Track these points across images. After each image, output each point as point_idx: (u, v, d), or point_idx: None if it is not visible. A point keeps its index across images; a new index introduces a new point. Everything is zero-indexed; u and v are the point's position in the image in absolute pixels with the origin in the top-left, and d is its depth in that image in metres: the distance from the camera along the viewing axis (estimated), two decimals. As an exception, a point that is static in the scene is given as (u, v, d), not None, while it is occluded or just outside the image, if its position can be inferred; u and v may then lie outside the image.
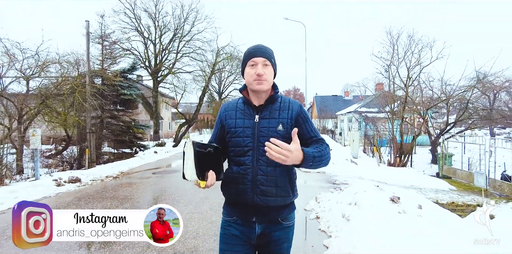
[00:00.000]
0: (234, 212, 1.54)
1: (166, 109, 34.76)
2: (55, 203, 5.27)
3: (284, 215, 1.52)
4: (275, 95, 1.54)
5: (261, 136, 1.47)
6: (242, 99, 1.58)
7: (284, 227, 1.53)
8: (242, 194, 1.47)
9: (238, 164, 1.50)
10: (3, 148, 10.10)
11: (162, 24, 25.65)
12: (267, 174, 1.46)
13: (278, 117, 1.50)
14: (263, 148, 1.37)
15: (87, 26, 13.79)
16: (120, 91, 15.79)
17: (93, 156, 13.38)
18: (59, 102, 12.52)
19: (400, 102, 13.55)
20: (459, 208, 7.14)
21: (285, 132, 1.48)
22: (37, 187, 6.16)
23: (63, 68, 12.63)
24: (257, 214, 1.49)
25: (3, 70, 10.98)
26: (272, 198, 1.45)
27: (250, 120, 1.51)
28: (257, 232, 1.50)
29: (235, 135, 1.51)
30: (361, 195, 4.68)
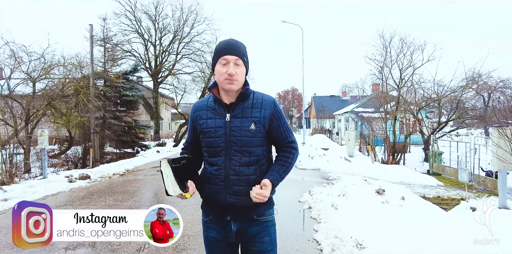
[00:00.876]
0: (210, 212, 1.55)
1: (166, 110, 35.20)
2: (70, 197, 5.74)
3: (260, 212, 1.51)
4: (246, 91, 1.49)
5: (233, 135, 1.44)
6: (213, 97, 1.53)
7: (261, 222, 1.52)
8: (215, 194, 1.47)
9: (211, 164, 1.49)
10: (12, 148, 10.57)
11: (162, 26, 26.12)
12: (240, 173, 1.44)
13: (251, 116, 1.46)
14: (236, 148, 1.43)
15: (91, 30, 14.22)
16: (122, 93, 16.25)
17: (97, 155, 13.81)
18: (64, 104, 12.98)
19: (393, 103, 14.06)
20: (444, 201, 7.64)
21: (257, 130, 1.45)
22: (51, 183, 6.63)
23: (67, 70, 13.08)
24: (231, 213, 1.49)
25: (11, 73, 11.42)
26: (245, 197, 1.43)
27: (221, 120, 1.47)
28: (233, 230, 1.50)
29: (207, 136, 1.48)
30: (349, 187, 5.17)
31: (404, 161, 13.26)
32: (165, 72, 26.38)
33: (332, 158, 10.89)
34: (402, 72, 12.64)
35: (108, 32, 17.92)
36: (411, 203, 4.99)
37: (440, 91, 14.05)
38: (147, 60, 26.24)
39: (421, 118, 19.13)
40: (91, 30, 14.24)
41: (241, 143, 1.43)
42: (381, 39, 12.62)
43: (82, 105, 12.93)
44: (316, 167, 9.65)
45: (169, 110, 37.52)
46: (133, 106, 17.95)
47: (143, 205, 5.16)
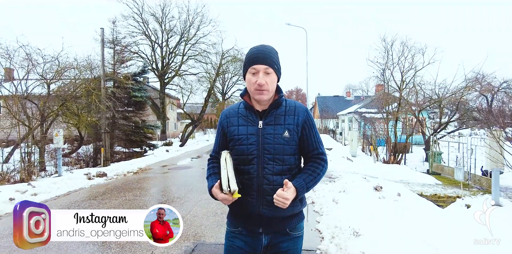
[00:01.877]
0: (239, 223, 1.48)
1: (172, 110, 35.76)
2: (92, 193, 6.24)
3: (292, 225, 1.46)
4: (280, 99, 1.47)
5: (266, 143, 1.40)
6: (244, 104, 1.50)
7: (293, 238, 1.46)
8: (247, 205, 1.41)
9: (242, 173, 1.43)
10: (31, 147, 11.12)
11: (169, 28, 26.64)
12: (273, 183, 1.39)
13: (284, 123, 1.43)
14: (269, 156, 1.39)
15: (102, 34, 14.72)
16: (131, 94, 16.78)
17: (108, 154, 14.33)
18: (77, 104, 13.52)
19: (395, 104, 14.45)
20: (441, 199, 8.04)
21: (291, 138, 1.42)
22: (72, 180, 7.13)
23: (80, 72, 13.62)
24: (263, 225, 1.43)
25: (26, 74, 11.97)
26: (279, 209, 1.36)
27: (253, 127, 1.44)
28: (264, 243, 1.45)
29: (239, 143, 1.44)
30: (349, 184, 5.62)
31: (405, 161, 13.65)
32: (172, 73, 26.91)
33: (334, 158, 11.32)
34: (404, 75, 13.03)
35: (117, 35, 18.47)
36: (406, 199, 5.42)
37: (441, 92, 14.42)
38: (154, 62, 26.76)
39: (424, 119, 19.51)
40: (102, 34, 14.73)
41: (275, 150, 1.39)
42: (383, 42, 13.03)
43: (94, 106, 13.45)
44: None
45: (174, 111, 38.09)
46: (141, 107, 18.47)
47: (159, 200, 5.64)
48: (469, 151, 9.24)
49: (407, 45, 12.83)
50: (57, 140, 10.83)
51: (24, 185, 6.14)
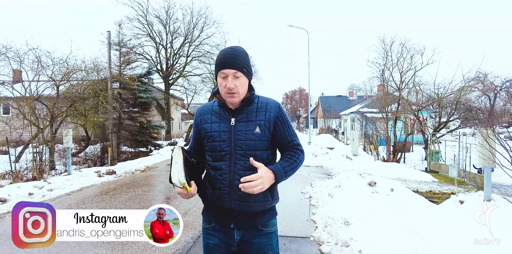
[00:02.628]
0: (212, 218, 1.52)
1: (176, 110, 36.21)
2: (103, 189, 6.64)
3: (263, 221, 1.49)
4: (251, 96, 1.49)
5: (238, 139, 1.43)
6: (218, 102, 1.53)
7: (265, 234, 1.49)
8: (219, 199, 1.44)
9: (214, 168, 1.46)
10: (42, 147, 11.55)
11: (173, 30, 27.10)
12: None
13: (255, 119, 1.46)
14: (240, 152, 1.42)
15: (109, 36, 15.13)
16: (137, 95, 17.22)
17: (115, 154, 14.75)
18: (84, 105, 13.96)
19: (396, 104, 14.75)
20: (436, 195, 8.35)
21: (262, 134, 1.45)
22: (84, 177, 7.54)
23: (87, 74, 14.07)
24: (234, 220, 1.46)
25: (37, 76, 12.42)
26: (250, 203, 1.42)
27: (226, 124, 1.47)
28: (236, 238, 1.48)
29: (211, 139, 1.47)
30: (345, 180, 5.97)
31: (405, 159, 13.94)
32: (176, 74, 27.37)
33: (334, 156, 11.66)
34: (403, 75, 13.33)
35: (123, 37, 18.93)
36: (399, 194, 5.75)
37: (440, 92, 14.70)
38: (158, 63, 27.23)
39: (425, 118, 19.75)
40: (109, 37, 15.13)
41: (246, 146, 1.43)
42: (382, 44, 13.33)
43: (102, 107, 13.88)
44: (319, 164, 10.42)
45: (179, 111, 38.52)
46: (146, 108, 18.93)
47: (167, 195, 6.02)
48: (464, 149, 9.54)
49: (405, 46, 13.16)
50: (66, 140, 11.21)
51: (41, 182, 6.55)
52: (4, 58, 12.19)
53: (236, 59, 1.41)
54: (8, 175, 10.32)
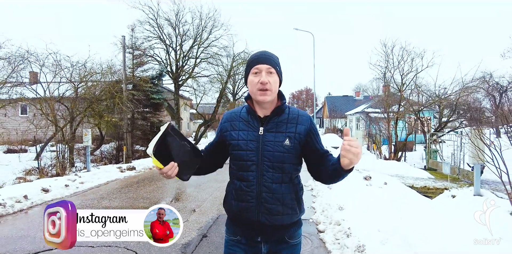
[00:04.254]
0: (238, 231, 1.48)
1: (185, 110, 37.12)
2: (127, 183, 7.45)
3: (290, 233, 1.46)
4: (282, 106, 1.45)
5: (266, 150, 1.39)
6: (246, 108, 1.49)
7: (291, 245, 1.46)
8: (246, 212, 1.40)
9: (241, 179, 1.43)
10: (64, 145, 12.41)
11: (183, 32, 27.91)
12: (272, 191, 1.38)
13: (286, 131, 1.41)
14: (268, 164, 1.37)
15: (123, 41, 16.01)
16: (150, 96, 18.10)
17: (129, 152, 15.61)
18: (100, 106, 14.84)
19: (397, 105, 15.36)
20: (430, 190, 8.99)
21: (292, 146, 1.40)
22: (108, 172, 8.37)
23: (103, 76, 14.96)
24: (262, 233, 1.42)
25: (59, 79, 13.32)
26: (278, 217, 1.38)
27: (254, 133, 1.42)
28: (263, 252, 1.45)
29: (238, 148, 1.43)
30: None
31: (405, 158, 14.55)
32: (185, 75, 28.21)
33: (336, 154, 12.32)
34: (403, 77, 13.95)
35: (136, 41, 19.82)
36: (391, 187, 6.45)
37: (441, 93, 15.28)
38: (168, 65, 28.07)
39: (429, 118, 20.26)
40: (124, 41, 15.99)
41: (274, 158, 1.38)
42: (384, 47, 13.97)
43: (118, 108, 14.74)
44: (323, 162, 11.09)
45: (187, 111, 39.45)
46: (158, 108, 19.82)
47: (186, 186, 6.79)
48: (458, 148, 10.16)
49: (406, 50, 13.78)
50: (86, 139, 12.06)
51: (73, 176, 7.40)
52: (26, 62, 13.13)
53: (270, 57, 1.43)
54: (34, 171, 11.23)
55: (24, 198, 5.42)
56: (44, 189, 6.01)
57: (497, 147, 7.52)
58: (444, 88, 14.73)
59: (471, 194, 7.21)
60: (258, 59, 1.41)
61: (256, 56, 1.43)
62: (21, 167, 11.79)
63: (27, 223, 4.50)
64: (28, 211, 5.10)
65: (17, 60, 12.92)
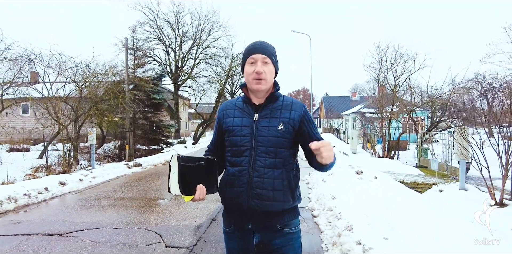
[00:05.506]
0: (231, 220, 1.49)
1: (184, 110, 37.59)
2: (136, 177, 7.96)
3: (284, 222, 1.43)
4: (276, 93, 1.48)
5: (260, 135, 1.40)
6: (242, 97, 1.52)
7: (285, 234, 1.43)
8: (236, 197, 1.40)
9: (234, 165, 1.43)
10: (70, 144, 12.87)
11: (182, 34, 28.44)
12: (264, 176, 1.37)
13: (279, 116, 1.42)
14: (262, 148, 1.38)
15: (126, 43, 16.46)
16: (151, 96, 18.57)
17: (132, 151, 16.08)
18: (104, 106, 15.31)
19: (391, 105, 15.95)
20: (419, 186, 9.56)
21: (285, 131, 1.40)
22: (116, 169, 8.87)
23: (106, 75, 15.44)
24: (252, 219, 1.42)
25: (65, 79, 13.79)
26: (268, 202, 1.37)
27: (249, 119, 1.44)
28: (255, 241, 1.43)
29: (232, 134, 1.44)
30: (337, 169, 7.23)
31: (398, 156, 15.14)
32: (185, 76, 28.73)
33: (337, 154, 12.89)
34: (396, 79, 14.53)
35: (137, 42, 20.32)
36: (381, 181, 7.01)
37: (433, 94, 15.89)
38: (168, 65, 28.58)
39: (423, 118, 20.90)
40: (126, 43, 16.44)
41: (269, 142, 1.39)
42: (377, 50, 14.55)
43: (121, 108, 15.23)
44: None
45: (186, 111, 39.91)
46: (158, 108, 20.28)
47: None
48: (446, 146, 10.75)
49: (399, 52, 14.36)
50: (91, 138, 12.53)
51: (85, 171, 7.91)
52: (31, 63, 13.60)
53: (267, 47, 1.44)
54: (42, 168, 11.71)
55: (45, 190, 5.93)
56: (61, 182, 6.51)
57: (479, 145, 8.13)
58: (436, 89, 15.33)
59: (457, 188, 7.78)
60: (254, 49, 1.43)
61: (253, 46, 1.45)
62: (26, 165, 12.24)
63: (52, 210, 5.01)
64: (49, 201, 5.60)
65: (22, 61, 13.38)
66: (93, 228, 4.00)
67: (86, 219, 4.39)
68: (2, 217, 4.58)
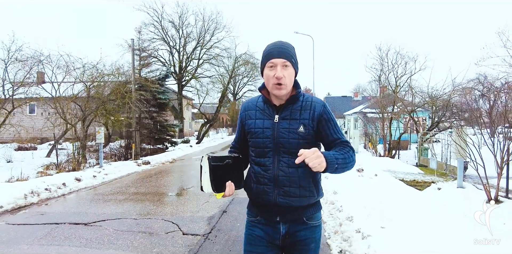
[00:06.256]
0: (258, 212, 1.53)
1: (187, 110, 38.00)
2: (146, 174, 8.32)
3: (309, 215, 1.49)
4: (297, 94, 1.47)
5: (281, 137, 1.42)
6: (262, 98, 1.52)
7: (310, 227, 1.49)
8: (264, 194, 1.45)
9: (259, 164, 1.48)
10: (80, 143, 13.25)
11: (186, 34, 28.80)
12: (289, 174, 1.41)
13: (299, 118, 1.44)
14: (284, 150, 1.42)
15: (132, 44, 16.84)
16: (156, 96, 18.95)
17: (138, 150, 16.44)
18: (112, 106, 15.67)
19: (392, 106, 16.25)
20: (419, 184, 9.86)
21: (306, 133, 1.43)
22: (127, 166, 9.24)
23: (115, 77, 15.83)
24: (280, 213, 1.46)
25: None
26: (295, 198, 1.42)
27: (269, 121, 1.46)
28: (282, 232, 1.48)
29: (255, 136, 1.48)
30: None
31: (399, 156, 15.45)
32: (188, 76, 29.10)
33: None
34: (397, 80, 14.84)
35: (142, 43, 20.71)
36: (380, 178, 7.34)
37: (434, 95, 16.18)
38: (172, 65, 28.95)
39: (425, 119, 21.16)
40: (133, 45, 16.81)
41: (289, 144, 1.42)
42: (379, 51, 14.87)
43: (128, 107, 15.60)
44: (321, 158, 11.97)
45: (189, 110, 40.32)
46: (163, 108, 20.66)
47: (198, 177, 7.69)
48: (445, 146, 11.06)
49: (400, 54, 14.67)
50: (99, 137, 12.87)
51: (98, 168, 8.27)
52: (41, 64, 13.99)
53: (286, 50, 1.43)
54: (52, 166, 12.09)
55: (63, 185, 6.30)
56: (77, 178, 6.88)
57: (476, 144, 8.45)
58: (437, 90, 15.62)
59: (455, 186, 8.09)
60: (273, 53, 1.41)
61: (272, 49, 1.43)
62: (36, 163, 12.60)
63: (73, 203, 5.38)
64: (67, 195, 5.97)
65: (32, 62, 13.77)
66: (114, 218, 4.36)
67: (106, 211, 4.74)
68: (28, 209, 4.95)
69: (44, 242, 3.48)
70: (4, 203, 4.88)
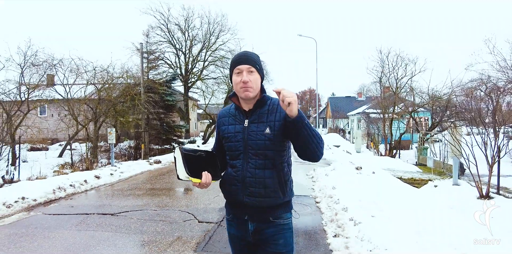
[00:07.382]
0: (230, 211, 1.68)
1: (193, 110, 38.64)
2: (159, 172, 8.90)
3: (276, 215, 1.59)
4: (263, 98, 1.58)
5: (250, 139, 1.53)
6: (234, 105, 1.64)
7: (277, 225, 1.59)
8: (234, 194, 1.59)
9: (231, 166, 1.60)
10: (94, 143, 13.87)
11: (192, 37, 29.42)
12: (255, 176, 1.53)
13: (266, 120, 1.54)
14: (252, 151, 1.53)
15: (141, 48, 17.42)
16: (164, 98, 19.57)
17: (147, 150, 17.03)
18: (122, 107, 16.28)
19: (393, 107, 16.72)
20: (416, 181, 10.34)
21: (272, 134, 1.51)
22: (140, 165, 9.82)
23: (124, 80, 16.45)
24: (248, 213, 1.59)
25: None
26: (260, 199, 1.53)
27: (240, 125, 1.58)
28: (250, 229, 1.61)
29: (228, 140, 1.60)
30: (339, 165, 8.09)
31: (399, 155, 15.92)
32: (194, 78, 29.73)
33: (336, 151, 13.74)
34: (398, 81, 15.30)
35: (150, 46, 21.33)
36: (378, 175, 7.83)
37: (434, 95, 16.61)
38: (178, 68, 29.59)
39: (427, 119, 21.55)
40: (141, 48, 17.39)
41: (257, 146, 1.52)
42: (379, 54, 15.34)
43: (137, 109, 16.21)
44: (323, 157, 12.50)
45: (195, 111, 40.96)
46: (171, 109, 21.28)
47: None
48: (443, 145, 11.52)
49: (400, 56, 15.13)
50: (111, 137, 13.45)
51: (114, 167, 8.85)
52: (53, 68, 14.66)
53: (249, 57, 1.55)
54: (67, 165, 12.72)
55: (85, 182, 6.89)
56: (96, 176, 7.47)
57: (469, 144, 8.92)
58: (437, 91, 16.05)
59: (450, 184, 8.56)
60: (239, 60, 1.53)
61: (238, 57, 1.56)
62: (49, 162, 13.23)
63: (97, 197, 5.97)
64: (89, 191, 6.56)
65: (45, 66, 14.44)
66: (136, 210, 4.92)
67: (128, 204, 5.32)
68: (57, 202, 5.54)
69: (81, 228, 4.06)
70: (37, 197, 5.47)
